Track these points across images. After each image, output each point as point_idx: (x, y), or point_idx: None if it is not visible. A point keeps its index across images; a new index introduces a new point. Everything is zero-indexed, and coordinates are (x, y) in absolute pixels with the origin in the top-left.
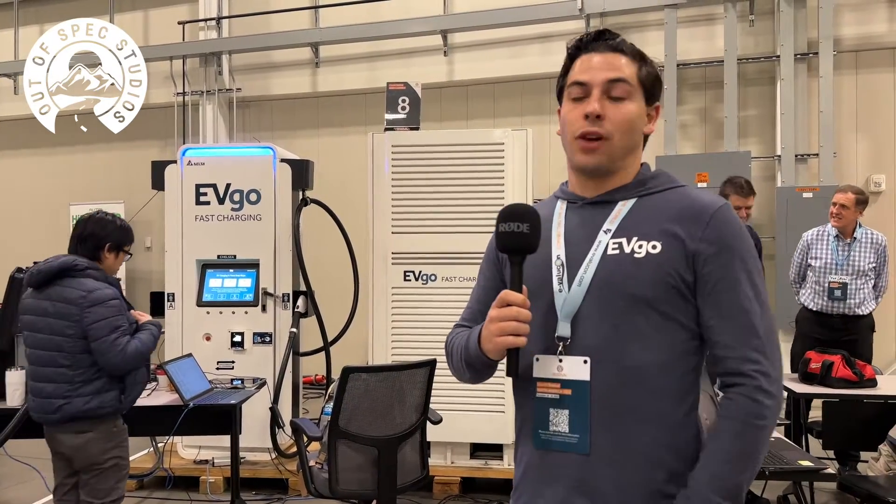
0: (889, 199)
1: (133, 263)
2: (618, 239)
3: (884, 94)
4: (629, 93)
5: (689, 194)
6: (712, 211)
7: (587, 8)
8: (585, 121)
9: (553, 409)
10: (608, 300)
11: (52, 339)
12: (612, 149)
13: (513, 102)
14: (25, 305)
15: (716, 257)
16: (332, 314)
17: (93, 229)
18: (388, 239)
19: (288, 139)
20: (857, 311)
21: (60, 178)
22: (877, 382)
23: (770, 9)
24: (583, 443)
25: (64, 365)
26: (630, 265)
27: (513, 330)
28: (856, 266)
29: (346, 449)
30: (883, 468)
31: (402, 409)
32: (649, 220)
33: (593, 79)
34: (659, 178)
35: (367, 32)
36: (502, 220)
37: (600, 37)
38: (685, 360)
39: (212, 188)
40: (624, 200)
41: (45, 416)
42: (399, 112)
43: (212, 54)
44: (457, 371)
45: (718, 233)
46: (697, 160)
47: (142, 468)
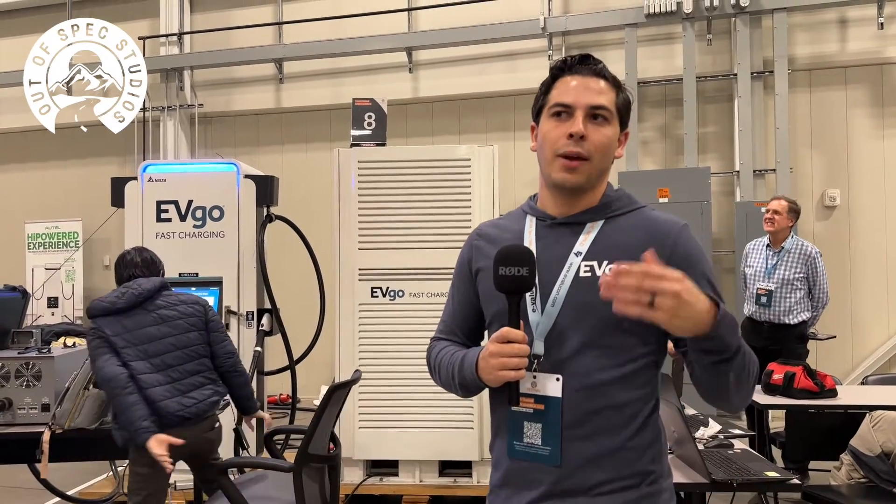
0: (843, 214)
1: (91, 282)
2: (589, 262)
3: (837, 112)
4: (609, 118)
5: (649, 216)
6: (675, 232)
7: (549, 27)
8: (569, 140)
9: (527, 422)
10: (580, 320)
11: (186, 342)
12: (591, 169)
13: (477, 119)
14: (135, 321)
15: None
16: (297, 332)
17: (151, 256)
18: (354, 255)
19: (252, 155)
20: (784, 319)
21: (14, 195)
22: (837, 392)
23: (727, 29)
24: (554, 455)
25: (204, 364)
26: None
27: (514, 366)
28: (782, 275)
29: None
30: (845, 477)
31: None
32: (618, 245)
33: (577, 101)
34: (622, 200)
35: (332, 49)
36: (502, 264)
37: (584, 61)
38: (646, 370)
39: (173, 205)
40: (592, 222)
41: (202, 411)
42: (365, 128)
43: (173, 70)
44: (445, 386)
45: (683, 252)
46: (658, 176)
47: (101, 493)
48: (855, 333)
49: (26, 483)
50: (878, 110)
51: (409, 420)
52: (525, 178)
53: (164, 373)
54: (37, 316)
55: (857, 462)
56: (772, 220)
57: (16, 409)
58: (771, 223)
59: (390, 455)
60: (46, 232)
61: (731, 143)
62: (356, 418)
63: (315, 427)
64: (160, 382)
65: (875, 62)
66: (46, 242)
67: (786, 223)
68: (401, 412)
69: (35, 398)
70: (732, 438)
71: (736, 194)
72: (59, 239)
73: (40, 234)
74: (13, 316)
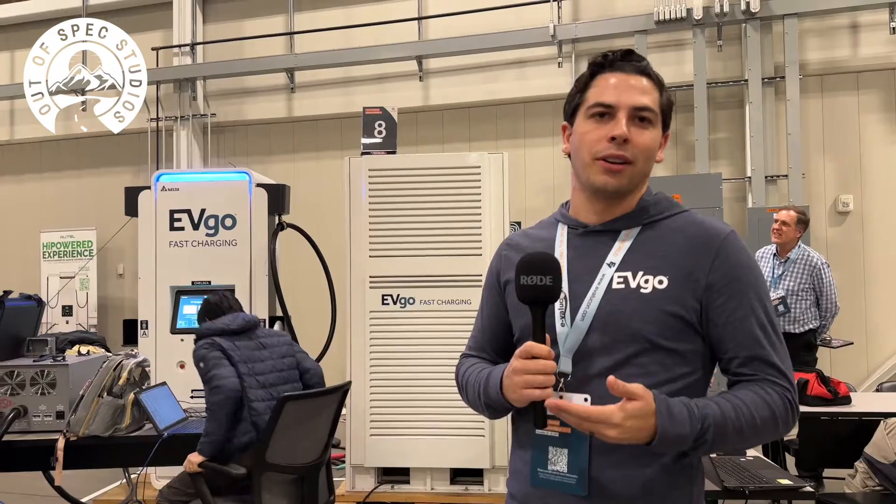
0: (857, 219)
1: (105, 290)
2: (623, 273)
3: (849, 117)
4: (653, 120)
5: (694, 221)
6: (720, 240)
7: (559, 35)
8: (610, 143)
9: (553, 447)
10: (612, 336)
11: (282, 366)
12: (633, 173)
13: (487, 126)
14: (244, 344)
15: (727, 287)
16: (309, 339)
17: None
18: (365, 262)
19: (264, 164)
20: (788, 328)
21: (30, 205)
22: (851, 400)
23: (737, 34)
24: (581, 484)
25: (296, 388)
26: (636, 301)
27: (540, 384)
28: (787, 285)
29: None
30: (860, 485)
31: (323, 433)
32: (655, 253)
33: (620, 101)
34: (661, 204)
35: (342, 58)
36: (524, 273)
37: (627, 56)
38: (687, 393)
39: (186, 214)
40: (627, 230)
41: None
42: (375, 136)
43: (186, 80)
44: (473, 406)
45: (728, 263)
46: (670, 182)
47: (115, 500)
48: (869, 340)
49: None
50: (891, 115)
51: (420, 427)
52: (536, 185)
53: (265, 390)
54: (51, 324)
55: (871, 470)
56: (779, 231)
57: (31, 417)
58: (778, 234)
59: (402, 463)
60: (61, 241)
61: (743, 149)
62: (367, 425)
63: (270, 434)
64: (262, 398)
65: (887, 67)
66: (61, 251)
67: (793, 234)
68: (412, 419)
69: (50, 406)
70: None
71: (748, 200)
72: (74, 248)
73: (55, 243)
74: (29, 324)
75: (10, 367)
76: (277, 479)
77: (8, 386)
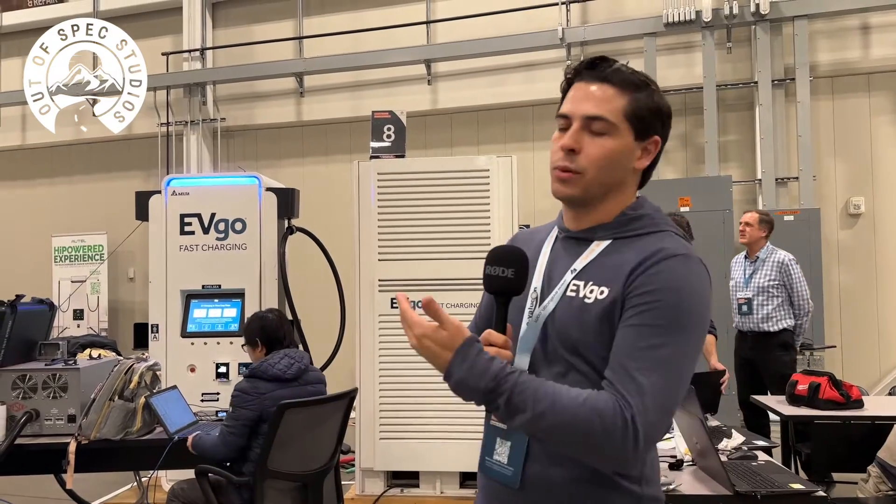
0: (868, 221)
1: (116, 294)
2: (578, 281)
3: (860, 118)
4: (608, 129)
5: (660, 240)
6: (660, 257)
7: (568, 38)
8: (562, 153)
9: (499, 438)
10: (553, 341)
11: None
12: (585, 183)
13: (496, 130)
14: (293, 392)
15: (638, 297)
16: (319, 343)
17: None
18: (374, 266)
19: (273, 168)
20: (762, 326)
21: (42, 209)
22: (863, 403)
23: (747, 36)
24: (515, 477)
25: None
26: (577, 309)
27: None
28: (757, 283)
29: (275, 489)
30: (872, 490)
31: (329, 440)
32: (612, 266)
33: (574, 111)
34: (642, 221)
35: (351, 62)
36: (489, 263)
37: (592, 65)
38: None
39: (196, 218)
40: (599, 241)
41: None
42: (384, 140)
43: (196, 85)
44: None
45: (654, 277)
46: (680, 185)
47: (125, 503)
48: (882, 343)
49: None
50: None
51: (429, 431)
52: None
53: None
54: (63, 328)
55: (884, 474)
56: (743, 231)
57: (43, 420)
58: (743, 235)
59: (411, 466)
60: (72, 245)
61: (753, 151)
62: (377, 429)
63: (270, 441)
64: None
65: None
66: (72, 255)
67: (758, 234)
68: (421, 423)
69: (61, 409)
70: (756, 450)
71: (758, 203)
72: (85, 252)
73: (66, 247)
74: (41, 328)
75: (22, 370)
76: (282, 486)
77: (20, 389)
